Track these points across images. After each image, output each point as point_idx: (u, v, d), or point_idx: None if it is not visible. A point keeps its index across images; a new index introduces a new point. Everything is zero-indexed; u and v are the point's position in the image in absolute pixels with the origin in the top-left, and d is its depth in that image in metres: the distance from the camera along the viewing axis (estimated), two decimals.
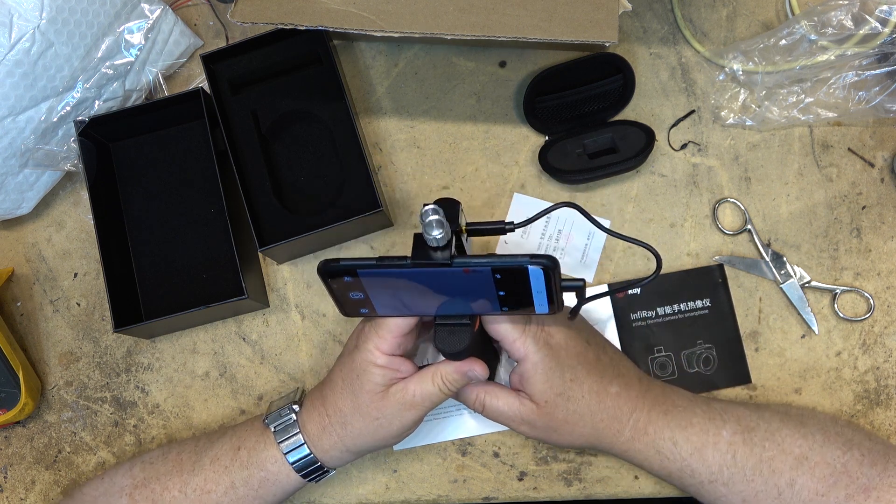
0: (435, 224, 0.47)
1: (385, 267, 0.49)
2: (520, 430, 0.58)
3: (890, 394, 0.65)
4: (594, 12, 0.57)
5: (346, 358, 0.57)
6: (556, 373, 0.55)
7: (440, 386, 0.56)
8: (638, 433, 0.57)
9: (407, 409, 0.56)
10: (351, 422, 0.57)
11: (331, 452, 0.58)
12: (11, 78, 0.62)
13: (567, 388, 0.56)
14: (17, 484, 0.70)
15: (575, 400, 0.56)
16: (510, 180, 0.70)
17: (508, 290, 0.49)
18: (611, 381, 0.57)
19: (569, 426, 0.57)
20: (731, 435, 0.56)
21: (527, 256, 0.47)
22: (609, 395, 0.57)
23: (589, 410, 0.57)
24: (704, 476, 0.57)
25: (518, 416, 0.57)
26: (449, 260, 0.48)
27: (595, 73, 0.68)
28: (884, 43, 0.64)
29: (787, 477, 0.55)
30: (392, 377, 0.56)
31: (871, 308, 0.65)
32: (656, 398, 0.58)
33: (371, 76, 0.72)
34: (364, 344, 0.55)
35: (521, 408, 0.57)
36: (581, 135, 0.68)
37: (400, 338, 0.55)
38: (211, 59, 0.69)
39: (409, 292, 0.51)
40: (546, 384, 0.55)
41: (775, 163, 0.68)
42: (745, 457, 0.56)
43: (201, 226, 0.71)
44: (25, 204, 0.71)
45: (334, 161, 0.69)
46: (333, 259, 0.49)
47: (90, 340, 0.71)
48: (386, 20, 0.58)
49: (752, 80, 0.67)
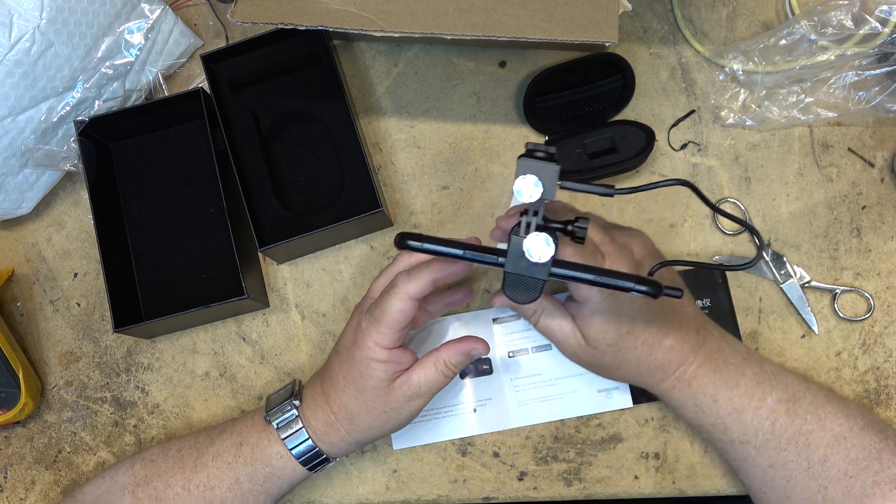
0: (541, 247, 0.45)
1: (473, 261, 0.47)
2: (563, 352, 0.58)
3: (890, 394, 0.65)
4: (594, 12, 0.57)
5: (344, 355, 0.57)
6: (612, 324, 0.54)
7: (443, 371, 0.56)
8: (680, 384, 0.57)
9: (413, 399, 0.56)
10: (358, 417, 0.57)
11: (339, 445, 0.58)
12: (11, 78, 0.62)
13: (620, 339, 0.55)
14: (17, 484, 0.70)
15: (625, 350, 0.55)
16: (510, 180, 0.70)
17: None
18: (667, 333, 0.56)
19: (613, 368, 0.57)
20: (775, 402, 0.56)
21: (633, 280, 0.45)
22: (662, 347, 0.56)
23: (636, 360, 0.56)
24: (737, 436, 0.56)
25: (565, 342, 0.57)
26: (545, 277, 0.46)
27: (595, 73, 0.68)
28: (884, 43, 0.64)
29: (821, 452, 0.55)
30: (395, 370, 0.56)
31: (871, 308, 0.65)
32: (709, 353, 0.57)
33: (371, 76, 0.72)
34: (363, 341, 0.55)
35: (572, 337, 0.56)
36: (581, 135, 0.68)
37: (399, 332, 0.55)
38: (211, 59, 0.69)
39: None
40: (600, 333, 0.55)
41: (775, 163, 0.68)
42: (785, 426, 0.55)
43: (201, 226, 0.71)
44: (25, 204, 0.71)
45: (334, 161, 0.69)
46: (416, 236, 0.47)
47: (90, 340, 0.71)
48: (386, 20, 0.58)
49: (752, 80, 0.67)
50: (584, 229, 0.49)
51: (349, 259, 0.70)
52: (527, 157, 0.47)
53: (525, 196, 0.46)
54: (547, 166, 0.46)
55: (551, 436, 0.66)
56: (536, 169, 0.46)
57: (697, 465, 0.65)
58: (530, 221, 0.47)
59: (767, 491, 0.57)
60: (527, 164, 0.46)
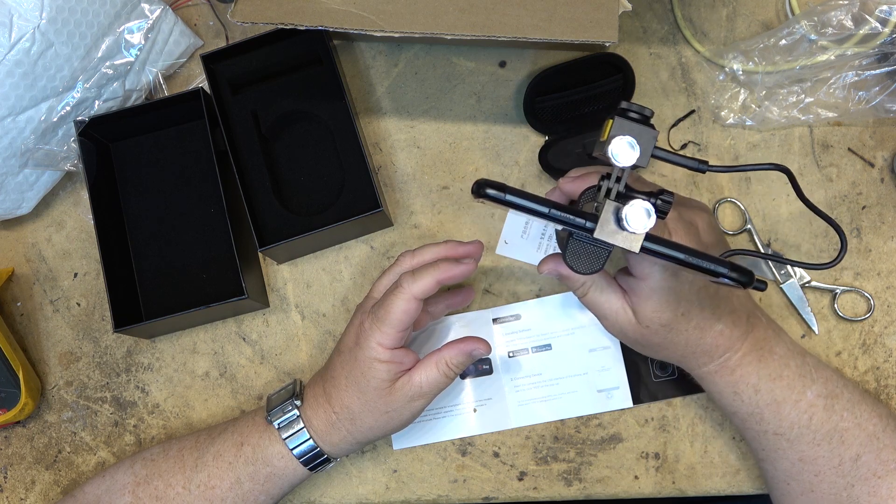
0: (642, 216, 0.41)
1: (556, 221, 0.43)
2: (608, 327, 0.57)
3: (890, 394, 0.65)
4: (594, 12, 0.57)
5: (346, 355, 0.57)
6: (670, 304, 0.53)
7: (445, 371, 0.56)
8: (724, 370, 0.56)
9: (415, 400, 0.57)
10: (360, 417, 0.57)
11: (340, 445, 0.58)
12: (11, 78, 0.62)
13: (675, 320, 0.54)
14: (17, 484, 0.70)
15: (677, 332, 0.54)
16: (510, 180, 0.70)
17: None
18: (720, 317, 0.55)
19: (659, 348, 0.56)
20: (814, 397, 0.55)
21: (727, 265, 0.42)
22: (712, 331, 0.55)
23: (685, 342, 0.55)
24: (772, 427, 0.56)
25: (613, 318, 0.55)
26: (637, 250, 0.42)
27: (595, 73, 0.68)
28: (884, 43, 0.64)
29: (853, 451, 0.54)
30: (397, 371, 0.56)
31: (871, 308, 0.65)
32: (756, 341, 0.56)
33: (371, 76, 0.72)
34: (366, 341, 0.55)
35: (622, 313, 0.55)
36: (581, 135, 0.68)
37: (403, 332, 0.55)
38: (211, 59, 0.69)
39: None
40: (656, 312, 0.53)
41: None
42: (821, 422, 0.55)
43: (201, 226, 0.71)
44: (25, 204, 0.71)
45: (334, 161, 0.69)
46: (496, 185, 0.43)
47: (90, 340, 0.71)
48: (386, 20, 0.58)
49: (752, 80, 0.67)
50: (669, 203, 0.45)
51: (349, 259, 0.70)
52: (622, 118, 0.43)
53: (621, 159, 0.42)
54: (645, 130, 0.43)
55: (551, 436, 0.66)
56: (634, 131, 0.43)
57: (697, 465, 0.65)
58: (612, 188, 0.43)
59: (792, 483, 0.56)
60: (623, 125, 0.43)
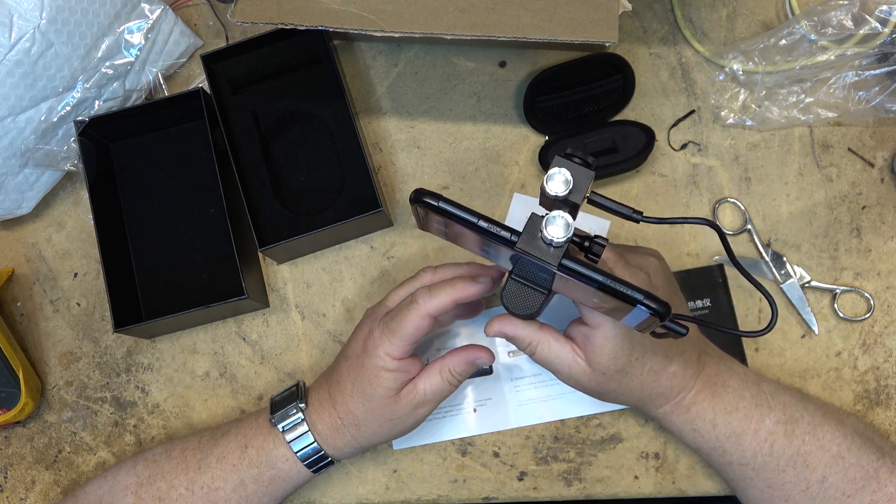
0: (561, 226, 0.43)
1: (483, 233, 0.45)
2: (564, 380, 0.57)
3: (890, 394, 0.65)
4: (594, 12, 0.57)
5: (353, 361, 0.57)
6: (624, 350, 0.53)
7: (448, 379, 0.56)
8: (679, 409, 0.56)
9: (419, 407, 0.57)
10: (365, 423, 0.57)
11: (343, 449, 0.59)
12: (11, 78, 0.62)
13: (629, 365, 0.54)
14: (17, 484, 0.70)
15: (631, 376, 0.55)
16: (510, 180, 0.70)
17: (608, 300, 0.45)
18: (672, 359, 0.55)
19: (616, 394, 0.56)
20: (773, 424, 0.56)
21: (643, 293, 0.43)
22: (666, 373, 0.55)
23: (641, 386, 0.55)
24: (735, 458, 0.56)
25: (567, 371, 0.55)
26: (556, 264, 0.44)
27: (595, 73, 0.68)
28: (884, 43, 0.64)
29: (819, 473, 0.55)
30: (402, 380, 0.56)
31: (871, 308, 0.65)
32: (709, 378, 0.57)
33: (371, 76, 0.72)
34: (374, 349, 0.55)
35: (574, 366, 0.55)
36: (581, 135, 0.68)
37: (412, 345, 0.55)
38: (211, 59, 0.69)
39: (496, 250, 0.47)
40: (610, 359, 0.53)
41: (775, 163, 0.68)
42: (783, 448, 0.55)
43: (201, 226, 0.71)
44: (25, 204, 0.71)
45: (334, 161, 0.69)
46: (432, 194, 0.45)
47: (90, 340, 0.71)
48: (386, 20, 0.58)
49: (752, 80, 0.67)
50: (602, 246, 0.47)
51: (349, 259, 0.70)
52: (563, 158, 0.46)
53: (553, 189, 0.44)
54: (582, 170, 0.45)
55: (551, 436, 0.66)
56: (571, 168, 0.45)
57: (697, 465, 0.65)
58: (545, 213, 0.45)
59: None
60: (561, 161, 0.45)
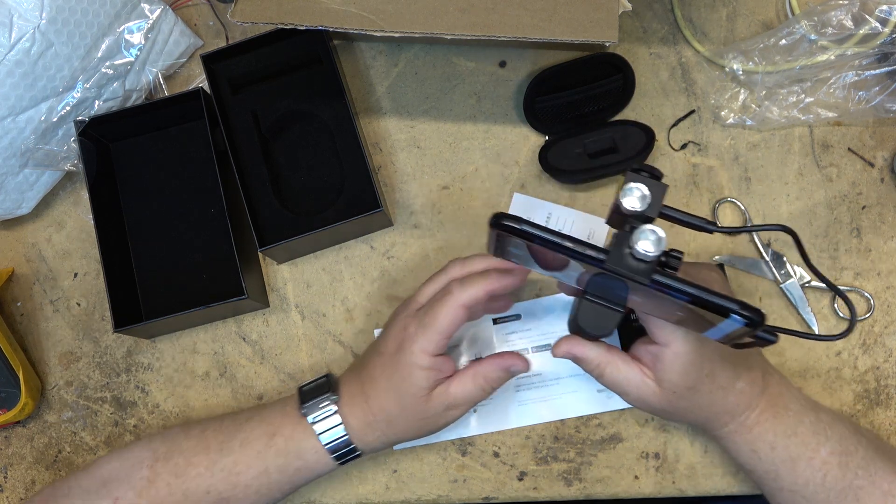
0: (653, 241, 0.42)
1: (568, 251, 0.44)
2: (631, 401, 0.56)
3: (890, 394, 0.65)
4: (594, 12, 0.57)
5: (387, 358, 0.57)
6: (696, 366, 0.52)
7: (482, 385, 0.56)
8: (742, 429, 0.56)
9: (450, 409, 0.56)
10: (397, 421, 0.57)
11: (373, 444, 0.58)
12: (11, 78, 0.62)
13: (700, 382, 0.53)
14: (17, 484, 0.70)
15: (702, 394, 0.54)
16: (510, 180, 0.70)
17: (692, 312, 0.44)
18: (740, 375, 0.54)
19: (686, 412, 0.55)
20: (828, 454, 0.55)
21: (738, 303, 0.42)
22: (734, 390, 0.54)
23: (710, 403, 0.54)
24: (787, 485, 0.56)
25: (636, 392, 0.54)
26: (648, 278, 0.43)
27: (595, 73, 0.68)
28: (884, 43, 0.64)
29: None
30: (436, 379, 0.55)
31: (871, 308, 0.65)
32: (772, 398, 0.56)
33: (371, 76, 0.72)
34: (409, 346, 0.55)
35: (643, 386, 0.54)
36: (581, 135, 0.68)
37: (447, 339, 0.54)
38: (211, 59, 0.69)
39: (577, 271, 0.46)
40: (681, 376, 0.52)
41: (775, 163, 0.68)
42: (836, 480, 0.55)
43: (201, 226, 0.71)
44: (25, 204, 0.71)
45: (334, 161, 0.69)
46: (514, 218, 0.44)
47: (90, 340, 0.71)
48: (386, 20, 0.58)
49: (752, 80, 0.67)
50: (679, 260, 0.46)
51: (349, 259, 0.70)
52: (634, 172, 0.45)
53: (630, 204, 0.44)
54: (655, 183, 0.45)
55: (551, 436, 0.66)
56: (647, 182, 0.44)
57: (697, 465, 0.65)
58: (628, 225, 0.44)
59: None
60: (634, 177, 0.45)
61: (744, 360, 0.55)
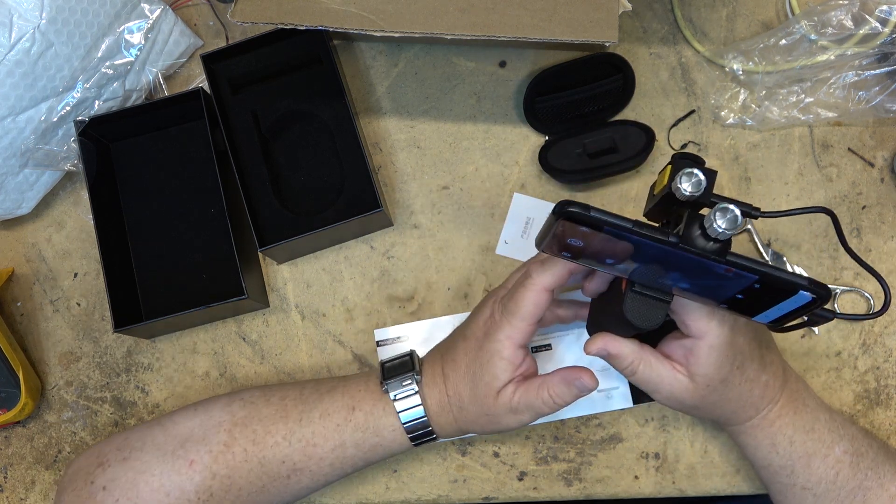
0: (731, 218, 0.42)
1: (640, 236, 0.42)
2: (663, 400, 0.55)
3: (890, 394, 0.65)
4: (594, 12, 0.57)
5: (472, 342, 0.56)
6: (728, 358, 0.52)
7: (545, 400, 0.54)
8: (764, 423, 0.56)
9: (512, 414, 0.55)
10: (467, 408, 0.56)
11: (446, 428, 0.57)
12: (11, 78, 0.62)
13: (731, 374, 0.53)
14: (17, 484, 0.70)
15: (732, 386, 0.53)
16: (510, 180, 0.70)
17: (752, 295, 0.44)
18: (765, 367, 0.54)
19: (715, 406, 0.55)
20: (842, 453, 0.56)
21: (806, 279, 0.42)
22: (759, 383, 0.54)
23: (738, 396, 0.54)
24: (800, 481, 0.56)
25: (669, 389, 0.54)
26: (721, 256, 0.42)
27: (595, 73, 0.68)
28: (884, 43, 0.64)
29: None
30: (511, 373, 0.54)
31: (871, 308, 0.65)
32: (792, 393, 0.56)
33: (371, 76, 0.72)
34: (495, 333, 0.54)
35: (675, 383, 0.53)
36: (581, 135, 0.68)
37: (532, 326, 0.53)
38: (211, 59, 0.69)
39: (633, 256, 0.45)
40: (716, 369, 0.52)
41: (775, 163, 0.68)
42: (847, 479, 0.55)
43: (201, 226, 0.71)
44: (25, 204, 0.71)
45: (334, 161, 0.69)
46: (581, 205, 0.42)
47: (90, 340, 0.71)
48: (386, 20, 0.58)
49: (752, 80, 0.67)
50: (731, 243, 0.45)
51: (349, 259, 0.70)
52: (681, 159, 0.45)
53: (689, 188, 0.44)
54: (708, 170, 0.45)
55: (551, 436, 0.66)
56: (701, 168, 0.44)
57: (697, 465, 0.65)
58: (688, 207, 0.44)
59: None
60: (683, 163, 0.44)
61: (768, 352, 0.55)
